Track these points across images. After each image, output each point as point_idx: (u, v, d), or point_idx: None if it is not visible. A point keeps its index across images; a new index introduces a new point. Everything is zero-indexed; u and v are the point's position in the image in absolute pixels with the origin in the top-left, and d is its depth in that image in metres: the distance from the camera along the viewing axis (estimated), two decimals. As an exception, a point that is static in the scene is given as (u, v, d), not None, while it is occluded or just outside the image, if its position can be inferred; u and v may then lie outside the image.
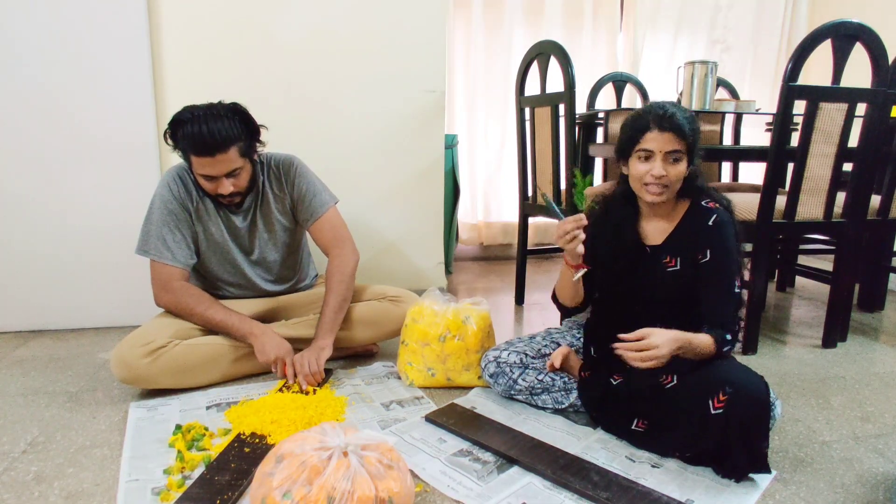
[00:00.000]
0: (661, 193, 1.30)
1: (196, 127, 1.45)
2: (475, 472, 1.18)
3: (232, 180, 1.54)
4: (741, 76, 3.68)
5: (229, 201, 1.60)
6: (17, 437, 1.32)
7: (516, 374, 1.48)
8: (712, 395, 1.15)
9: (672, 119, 1.27)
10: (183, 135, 1.47)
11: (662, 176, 1.28)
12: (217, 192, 1.55)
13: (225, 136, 1.47)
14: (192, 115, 1.47)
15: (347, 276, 1.69)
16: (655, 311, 1.34)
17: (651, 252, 1.38)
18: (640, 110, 1.35)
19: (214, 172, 1.51)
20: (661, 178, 1.28)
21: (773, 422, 1.18)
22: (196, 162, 1.50)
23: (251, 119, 1.57)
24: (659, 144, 1.27)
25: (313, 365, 1.53)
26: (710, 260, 1.30)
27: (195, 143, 1.46)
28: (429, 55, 2.28)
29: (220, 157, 1.48)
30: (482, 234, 3.54)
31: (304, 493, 0.88)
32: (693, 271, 1.33)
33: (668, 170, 1.28)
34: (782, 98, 1.76)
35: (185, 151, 1.51)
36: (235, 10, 2.09)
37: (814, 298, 2.72)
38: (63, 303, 2.09)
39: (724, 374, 1.17)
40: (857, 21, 1.73)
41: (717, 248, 1.30)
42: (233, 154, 1.50)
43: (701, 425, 1.16)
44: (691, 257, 1.33)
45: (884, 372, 1.81)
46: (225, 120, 1.48)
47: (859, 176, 1.91)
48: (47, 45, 1.92)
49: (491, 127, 3.42)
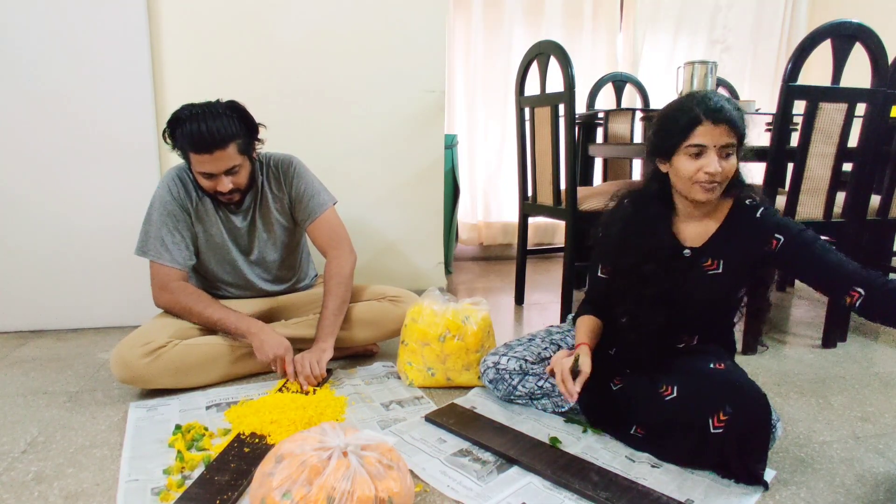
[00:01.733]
0: (713, 190, 1.21)
1: (194, 125, 1.45)
2: (475, 472, 1.18)
3: (231, 178, 1.54)
4: (741, 76, 3.68)
5: (228, 199, 1.60)
6: (16, 437, 1.32)
7: (516, 380, 1.47)
8: (712, 414, 1.13)
9: (723, 111, 1.17)
10: (181, 133, 1.47)
11: (718, 172, 1.18)
12: (216, 190, 1.55)
13: (223, 134, 1.47)
14: (190, 113, 1.47)
15: (345, 277, 1.69)
16: (687, 317, 1.30)
17: (690, 255, 1.30)
18: (683, 103, 1.23)
19: (213, 170, 1.51)
20: (716, 175, 1.18)
21: (773, 442, 1.16)
22: (195, 159, 1.50)
23: (249, 116, 1.57)
24: (713, 139, 1.17)
25: (315, 366, 1.53)
26: (786, 241, 1.20)
27: (194, 140, 1.46)
28: (429, 55, 2.28)
29: (218, 154, 1.48)
30: (482, 234, 3.55)
31: (303, 493, 0.87)
32: (734, 278, 1.27)
33: (722, 165, 1.18)
34: (782, 98, 1.76)
35: (183, 149, 1.51)
36: (235, 10, 2.09)
37: (814, 298, 2.72)
38: (63, 303, 2.09)
39: (725, 391, 1.14)
40: (856, 21, 1.73)
41: (783, 229, 1.21)
42: (231, 151, 1.50)
43: (699, 442, 1.15)
44: (738, 260, 1.26)
45: (884, 372, 1.81)
46: (223, 117, 1.48)
47: (859, 176, 1.91)
48: (47, 45, 1.92)
49: (491, 127, 3.42)
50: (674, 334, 1.34)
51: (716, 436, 1.13)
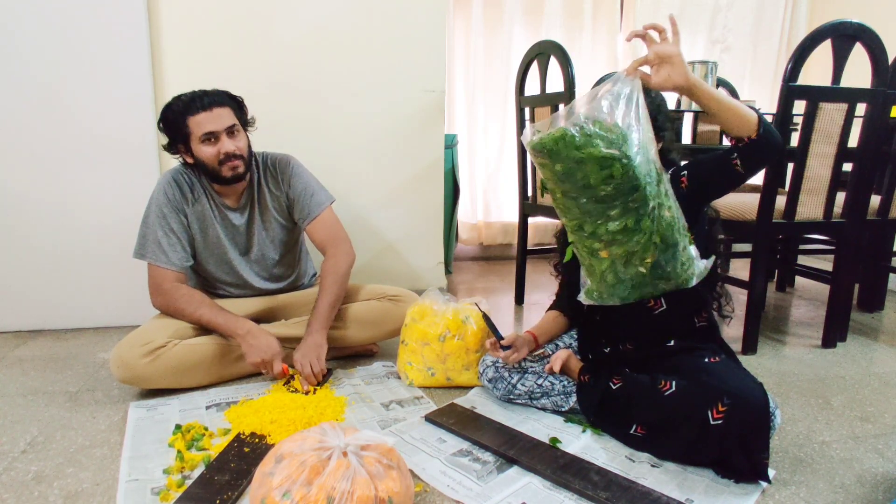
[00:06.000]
0: None
1: (188, 95, 1.55)
2: (475, 472, 1.18)
3: (233, 140, 1.57)
4: (741, 76, 3.68)
5: (234, 167, 1.58)
6: (16, 437, 1.32)
7: (515, 378, 1.47)
8: (711, 406, 1.14)
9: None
10: (176, 105, 1.54)
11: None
12: (221, 154, 1.55)
13: (218, 97, 1.57)
14: (180, 95, 1.56)
15: (342, 275, 1.69)
16: (648, 316, 1.34)
17: None
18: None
19: (215, 127, 1.54)
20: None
21: (773, 431, 1.17)
22: (194, 123, 1.53)
23: (238, 98, 1.64)
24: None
25: (315, 364, 1.53)
26: (689, 173, 1.29)
27: (191, 103, 1.53)
28: (429, 55, 2.28)
29: (216, 111, 1.54)
30: (482, 234, 3.54)
31: (303, 493, 0.87)
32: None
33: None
34: (782, 98, 1.76)
35: (181, 123, 1.54)
36: (236, 10, 2.09)
37: (814, 298, 2.72)
38: (63, 302, 2.09)
39: (723, 383, 1.16)
40: (857, 21, 1.73)
41: (686, 167, 1.31)
42: (228, 112, 1.56)
43: (700, 435, 1.16)
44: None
45: (884, 372, 1.81)
46: (214, 92, 1.59)
47: (859, 176, 1.91)
48: (47, 44, 1.92)
49: (491, 127, 3.41)
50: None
51: (716, 427, 1.13)
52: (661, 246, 1.13)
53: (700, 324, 1.38)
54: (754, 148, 1.18)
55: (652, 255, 1.13)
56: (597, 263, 1.19)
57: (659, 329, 1.37)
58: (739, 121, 1.17)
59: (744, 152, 1.20)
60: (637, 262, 1.14)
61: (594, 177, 1.07)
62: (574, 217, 1.16)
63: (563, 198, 1.15)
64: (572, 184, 1.10)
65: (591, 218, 1.13)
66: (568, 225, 1.20)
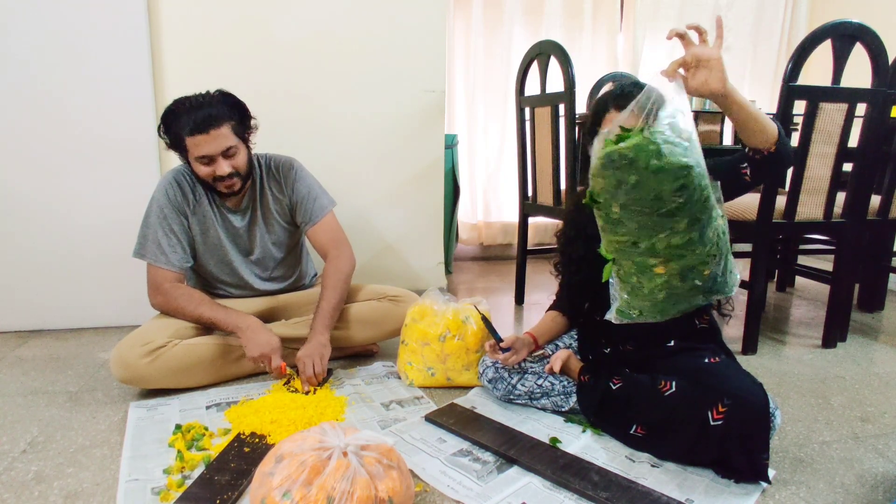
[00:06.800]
0: None
1: (188, 107, 1.49)
2: (475, 472, 1.18)
3: (229, 161, 1.54)
4: (741, 76, 3.68)
5: (229, 186, 1.58)
6: (16, 437, 1.32)
7: (515, 379, 1.47)
8: (711, 406, 1.14)
9: (630, 96, 1.18)
10: (176, 120, 1.50)
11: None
12: (216, 174, 1.54)
13: (218, 114, 1.51)
14: (182, 103, 1.51)
15: (344, 277, 1.69)
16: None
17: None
18: (599, 97, 1.35)
19: (211, 151, 1.51)
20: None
21: (773, 431, 1.17)
22: (192, 143, 1.50)
23: (241, 103, 1.59)
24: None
25: (318, 366, 1.53)
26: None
27: (189, 123, 1.48)
28: (428, 55, 2.28)
29: (214, 132, 1.49)
30: (482, 233, 3.55)
31: (303, 493, 0.87)
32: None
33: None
34: (782, 98, 1.76)
35: (179, 139, 1.52)
36: (236, 10, 2.09)
37: (814, 298, 2.72)
38: (63, 302, 2.09)
39: (723, 383, 1.16)
40: (857, 21, 1.73)
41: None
42: (226, 131, 1.52)
43: (700, 435, 1.16)
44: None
45: (884, 372, 1.81)
46: (215, 102, 1.53)
47: (859, 176, 1.91)
48: (47, 45, 1.92)
49: (491, 127, 3.42)
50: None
51: (716, 428, 1.13)
52: (718, 256, 1.05)
53: (701, 325, 1.39)
54: (769, 161, 1.18)
55: (710, 267, 1.05)
56: (647, 281, 1.07)
57: (659, 330, 1.37)
58: (762, 133, 1.17)
59: (756, 163, 1.20)
60: (695, 275, 1.04)
61: (667, 186, 0.97)
62: (627, 233, 1.04)
63: (621, 212, 1.03)
64: (642, 196, 0.98)
65: (652, 232, 1.02)
66: (616, 242, 1.08)
